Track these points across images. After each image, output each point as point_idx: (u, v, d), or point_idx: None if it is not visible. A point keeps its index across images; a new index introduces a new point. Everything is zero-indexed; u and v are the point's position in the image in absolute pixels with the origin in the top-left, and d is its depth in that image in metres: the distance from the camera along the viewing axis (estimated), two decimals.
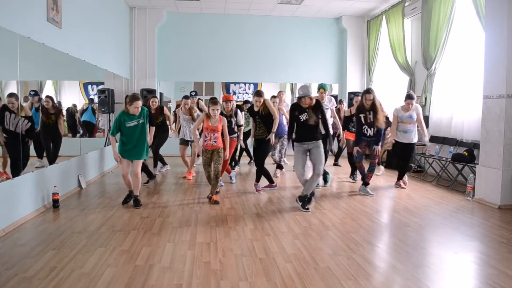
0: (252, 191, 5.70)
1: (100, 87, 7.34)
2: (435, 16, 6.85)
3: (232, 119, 5.93)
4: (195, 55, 9.78)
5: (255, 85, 10.35)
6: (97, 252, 3.31)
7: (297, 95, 4.71)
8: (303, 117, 4.70)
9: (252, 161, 8.36)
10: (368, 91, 5.43)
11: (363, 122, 5.50)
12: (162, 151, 7.20)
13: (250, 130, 7.67)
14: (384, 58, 9.03)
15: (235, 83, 10.24)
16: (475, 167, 5.48)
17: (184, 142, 6.78)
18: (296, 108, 4.77)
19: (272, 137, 5.51)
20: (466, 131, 6.30)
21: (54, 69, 5.59)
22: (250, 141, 7.74)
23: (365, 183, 5.61)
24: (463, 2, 6.42)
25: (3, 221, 3.80)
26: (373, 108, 5.38)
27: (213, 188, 5.11)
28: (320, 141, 4.74)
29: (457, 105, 6.57)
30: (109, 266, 3.03)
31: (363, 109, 5.47)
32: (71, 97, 6.64)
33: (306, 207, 4.69)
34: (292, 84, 10.72)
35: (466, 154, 5.82)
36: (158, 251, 3.36)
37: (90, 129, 7.18)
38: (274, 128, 5.53)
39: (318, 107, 4.74)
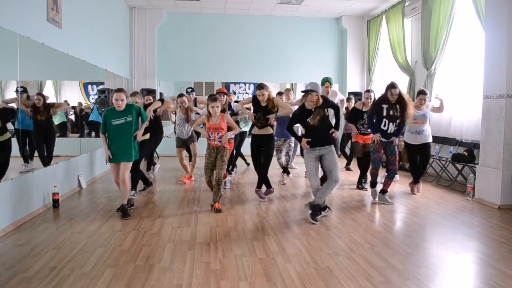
0: (252, 195, 5.65)
1: (100, 87, 7.34)
2: (435, 16, 6.85)
3: (227, 112, 5.47)
4: (195, 55, 9.78)
5: (255, 85, 10.33)
6: (97, 252, 3.31)
7: (304, 89, 4.25)
8: (311, 120, 4.28)
9: (247, 165, 7.80)
10: (393, 85, 4.84)
11: (385, 114, 4.89)
12: (161, 151, 7.20)
13: (245, 132, 7.13)
14: (384, 58, 9.02)
15: (235, 83, 10.23)
16: (475, 167, 5.48)
17: (181, 144, 6.34)
18: (302, 112, 4.33)
19: (272, 117, 5.01)
20: (466, 131, 6.30)
21: (54, 69, 5.59)
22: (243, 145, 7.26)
23: (383, 191, 5.09)
24: (463, 2, 6.42)
25: (3, 221, 3.80)
26: (401, 101, 4.84)
27: (216, 196, 4.73)
28: (333, 145, 4.35)
29: (457, 105, 6.57)
30: (109, 266, 3.02)
31: (387, 101, 4.88)
32: (71, 97, 6.63)
33: (315, 218, 4.19)
34: (292, 84, 10.72)
35: (466, 154, 5.82)
36: (158, 251, 3.36)
37: (97, 129, 7.12)
38: (281, 113, 5.02)
39: (326, 104, 4.28)
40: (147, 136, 5.54)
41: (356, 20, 9.95)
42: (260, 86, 5.03)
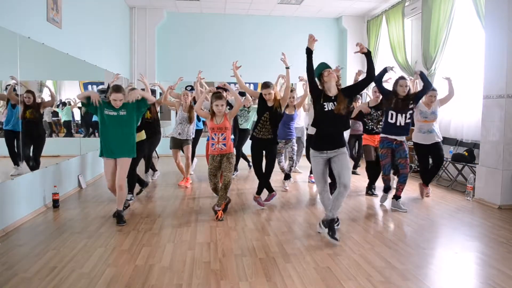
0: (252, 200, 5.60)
1: (100, 87, 7.33)
2: (435, 16, 6.85)
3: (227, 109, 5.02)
4: (195, 55, 9.78)
5: (255, 85, 10.34)
6: (97, 252, 3.31)
7: (317, 72, 3.67)
8: (329, 106, 3.58)
9: (251, 165, 7.34)
10: (402, 77, 4.68)
11: (393, 105, 4.63)
12: (161, 151, 7.11)
13: (247, 129, 6.82)
14: (384, 58, 9.02)
15: (235, 83, 10.21)
16: (475, 167, 5.48)
17: (176, 145, 5.95)
18: (323, 94, 3.63)
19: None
20: (466, 131, 6.30)
21: (54, 69, 5.59)
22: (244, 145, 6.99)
23: (396, 197, 4.78)
24: (463, 2, 6.42)
25: (3, 221, 3.80)
26: (408, 96, 4.62)
27: (221, 200, 4.37)
28: (345, 148, 3.69)
29: (457, 105, 6.57)
30: (109, 266, 3.03)
31: (394, 94, 4.64)
32: (72, 97, 6.62)
33: (336, 236, 3.54)
34: (292, 84, 10.70)
35: (466, 154, 5.82)
36: (158, 251, 3.36)
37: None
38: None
39: (349, 89, 3.68)
40: (143, 136, 5.22)
41: (356, 20, 9.96)
42: (265, 85, 4.68)
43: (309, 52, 3.74)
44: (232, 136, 5.67)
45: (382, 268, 3.05)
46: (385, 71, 4.78)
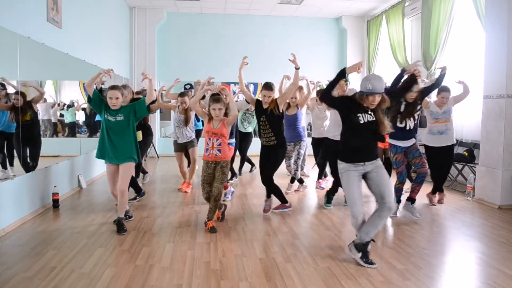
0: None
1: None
2: (435, 16, 6.85)
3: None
4: (195, 55, 9.80)
5: (255, 85, 10.34)
6: (97, 252, 3.31)
7: (361, 89, 3.05)
8: (364, 117, 3.06)
9: (254, 168, 7.24)
10: (414, 81, 3.89)
11: (402, 109, 4.30)
12: (161, 151, 7.07)
13: (251, 133, 6.67)
14: (384, 58, 9.03)
15: (235, 83, 10.22)
16: (475, 167, 5.48)
17: (180, 148, 5.64)
18: (353, 102, 3.12)
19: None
20: (466, 131, 6.31)
21: (54, 69, 5.58)
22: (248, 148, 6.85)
23: (412, 200, 4.43)
24: (463, 2, 6.43)
25: (3, 221, 3.80)
26: (417, 101, 4.28)
27: (210, 213, 4.00)
28: (379, 159, 3.28)
29: (457, 105, 6.55)
30: (109, 266, 3.03)
31: (403, 99, 4.27)
32: (72, 97, 6.62)
33: (370, 260, 3.09)
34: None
35: (466, 154, 5.82)
36: (158, 251, 3.36)
37: None
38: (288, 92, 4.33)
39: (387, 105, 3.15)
40: (140, 137, 5.05)
41: (356, 20, 9.96)
42: (268, 87, 4.29)
43: (342, 75, 3.21)
44: (234, 141, 5.55)
45: (382, 268, 3.05)
46: (402, 73, 4.02)
